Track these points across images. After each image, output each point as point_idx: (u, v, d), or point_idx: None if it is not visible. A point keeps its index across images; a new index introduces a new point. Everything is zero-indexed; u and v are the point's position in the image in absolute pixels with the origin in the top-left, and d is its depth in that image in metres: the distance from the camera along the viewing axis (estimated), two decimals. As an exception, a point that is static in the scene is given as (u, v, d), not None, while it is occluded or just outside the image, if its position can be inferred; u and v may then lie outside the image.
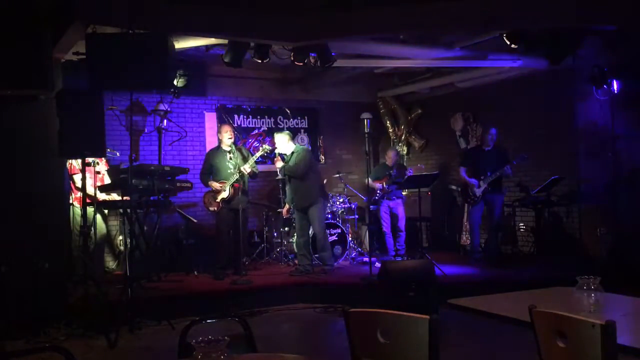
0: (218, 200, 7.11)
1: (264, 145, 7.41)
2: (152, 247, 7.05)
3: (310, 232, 7.42)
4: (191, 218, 7.83)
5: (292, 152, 7.28)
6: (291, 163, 7.20)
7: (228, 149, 7.24)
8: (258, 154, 7.22)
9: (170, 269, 7.31)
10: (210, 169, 7.30)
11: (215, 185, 7.13)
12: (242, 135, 9.36)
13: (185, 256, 7.62)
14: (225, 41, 6.33)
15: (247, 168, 7.04)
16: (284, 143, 7.31)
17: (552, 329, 2.12)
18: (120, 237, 7.78)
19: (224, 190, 7.08)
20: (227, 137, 7.25)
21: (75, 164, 6.61)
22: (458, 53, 7.48)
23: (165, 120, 8.10)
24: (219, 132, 7.52)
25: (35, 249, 5.51)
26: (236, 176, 7.03)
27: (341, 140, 10.30)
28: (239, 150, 7.40)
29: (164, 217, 8.10)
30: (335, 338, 5.27)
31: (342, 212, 8.46)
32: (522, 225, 8.39)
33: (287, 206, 7.77)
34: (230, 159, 7.16)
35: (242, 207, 6.98)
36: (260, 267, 7.86)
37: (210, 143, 9.08)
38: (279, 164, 7.40)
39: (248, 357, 2.32)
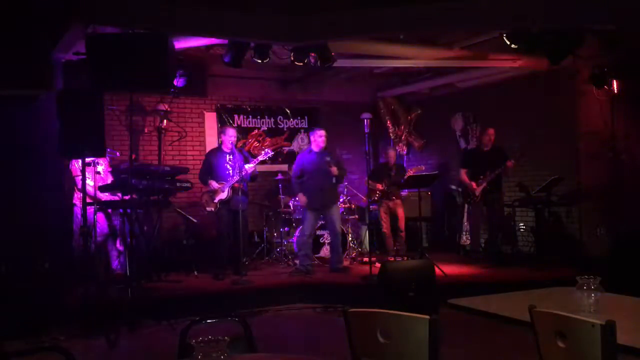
0: (216, 201, 7.11)
1: (265, 149, 7.46)
2: (152, 247, 7.05)
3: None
4: (191, 218, 7.82)
5: (329, 153, 7.34)
6: (334, 163, 7.25)
7: (228, 150, 7.24)
8: (260, 159, 7.21)
9: (170, 269, 7.31)
10: (209, 169, 7.29)
11: (215, 185, 7.12)
12: (242, 135, 9.36)
13: (185, 256, 7.62)
14: (225, 41, 6.33)
15: (249, 167, 7.03)
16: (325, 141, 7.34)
17: (552, 329, 2.12)
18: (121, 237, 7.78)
19: (222, 192, 7.08)
20: (229, 140, 7.24)
21: (77, 165, 6.62)
22: (458, 53, 7.48)
23: (165, 120, 8.10)
24: (222, 133, 7.45)
25: (35, 249, 5.51)
26: (237, 177, 7.03)
27: (341, 140, 10.28)
28: (240, 151, 7.40)
29: (164, 217, 8.09)
30: (335, 338, 5.26)
31: (343, 212, 8.45)
32: (522, 225, 8.39)
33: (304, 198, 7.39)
34: (230, 160, 7.17)
35: (241, 207, 6.98)
36: (260, 267, 7.86)
37: (210, 143, 9.08)
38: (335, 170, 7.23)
39: (248, 357, 2.32)
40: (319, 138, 7.32)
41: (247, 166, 7.02)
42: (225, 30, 5.84)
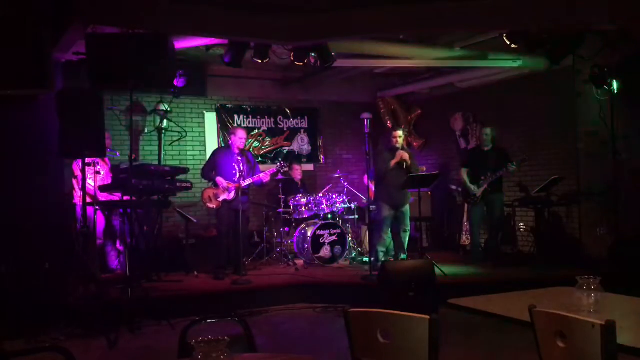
0: (220, 199, 7.09)
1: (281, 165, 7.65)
2: (152, 247, 7.05)
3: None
4: (191, 218, 7.82)
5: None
6: (411, 162, 7.31)
7: (237, 152, 7.24)
8: (275, 170, 7.44)
9: (170, 269, 7.31)
10: (215, 167, 7.26)
11: (224, 183, 7.10)
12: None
13: (185, 256, 7.62)
14: (225, 41, 6.33)
15: (265, 177, 7.16)
16: None
17: (552, 329, 2.12)
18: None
19: (229, 192, 7.06)
20: (241, 141, 7.24)
21: (76, 165, 6.62)
22: (458, 53, 7.48)
23: (165, 120, 8.10)
24: (233, 134, 7.37)
25: (35, 249, 5.51)
26: (249, 182, 7.06)
27: (341, 140, 10.30)
28: (245, 155, 7.38)
29: (164, 217, 8.10)
30: (335, 338, 5.27)
31: (343, 212, 8.45)
32: (522, 225, 8.38)
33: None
34: (237, 161, 7.17)
35: (242, 207, 6.98)
36: (260, 267, 7.86)
37: (210, 143, 9.09)
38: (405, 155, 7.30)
39: (248, 357, 2.32)
40: (398, 138, 7.42)
41: (261, 174, 7.14)
42: (225, 30, 5.84)
